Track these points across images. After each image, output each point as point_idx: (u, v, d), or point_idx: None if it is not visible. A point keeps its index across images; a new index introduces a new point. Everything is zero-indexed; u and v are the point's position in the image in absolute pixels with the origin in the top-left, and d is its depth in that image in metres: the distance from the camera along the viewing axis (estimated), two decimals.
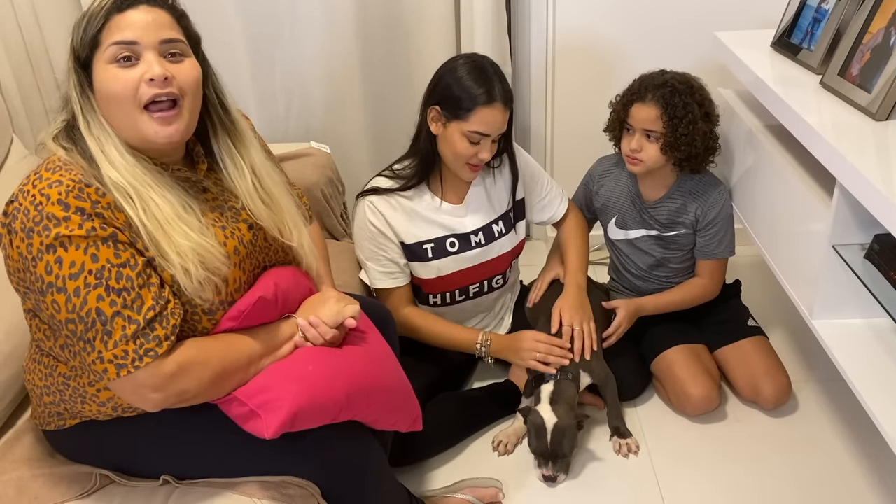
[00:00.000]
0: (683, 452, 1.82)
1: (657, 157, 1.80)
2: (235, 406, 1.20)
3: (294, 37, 2.24)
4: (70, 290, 1.06)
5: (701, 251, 1.93)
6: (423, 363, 1.85)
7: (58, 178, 1.08)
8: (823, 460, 1.78)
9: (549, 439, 1.68)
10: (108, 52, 1.11)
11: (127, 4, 1.12)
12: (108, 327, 1.07)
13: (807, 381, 2.01)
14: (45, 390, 1.26)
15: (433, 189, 1.81)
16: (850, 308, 1.50)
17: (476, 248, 1.84)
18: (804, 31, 1.75)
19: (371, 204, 1.77)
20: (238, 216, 1.28)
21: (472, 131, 1.65)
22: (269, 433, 1.16)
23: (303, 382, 1.21)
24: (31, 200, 1.07)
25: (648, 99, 1.76)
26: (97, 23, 1.11)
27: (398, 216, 1.78)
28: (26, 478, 1.29)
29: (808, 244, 1.53)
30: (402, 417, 1.41)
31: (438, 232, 1.81)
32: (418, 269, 1.83)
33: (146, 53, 1.12)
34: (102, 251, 1.08)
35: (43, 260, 1.06)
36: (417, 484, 1.73)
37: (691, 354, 1.91)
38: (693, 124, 1.75)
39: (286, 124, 2.36)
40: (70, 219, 1.06)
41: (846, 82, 1.52)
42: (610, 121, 1.89)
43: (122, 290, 1.08)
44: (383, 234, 1.78)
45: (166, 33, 1.14)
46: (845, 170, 1.31)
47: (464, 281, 1.88)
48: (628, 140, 1.82)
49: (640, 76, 1.83)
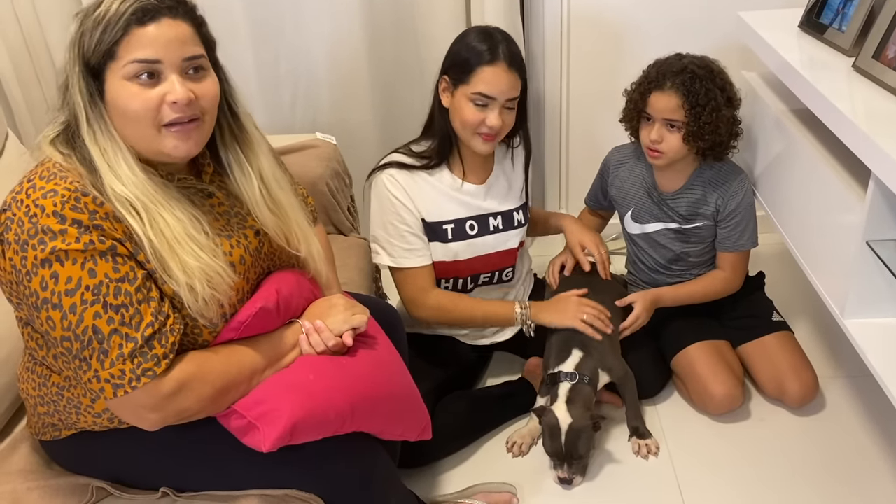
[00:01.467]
0: (705, 454, 1.76)
1: (679, 147, 1.72)
2: (234, 419, 1.16)
3: (299, 25, 2.19)
4: (66, 307, 1.03)
5: (722, 243, 1.85)
6: (433, 363, 1.81)
7: (52, 186, 1.04)
8: (853, 461, 1.71)
9: (564, 440, 1.63)
10: (127, 68, 1.06)
11: (149, 17, 1.06)
12: (104, 346, 1.04)
13: (834, 377, 1.94)
14: (40, 400, 1.23)
15: (454, 170, 1.76)
16: (885, 307, 1.42)
17: (494, 232, 1.80)
18: (835, 9, 1.67)
19: (391, 176, 1.72)
20: (244, 222, 1.25)
21: (476, 93, 1.61)
22: (267, 446, 1.12)
23: (302, 392, 1.17)
24: (24, 211, 1.03)
25: (668, 87, 1.68)
26: (115, 33, 1.05)
27: (419, 191, 1.73)
28: (20, 490, 1.26)
29: (840, 239, 1.46)
30: (410, 427, 1.36)
31: (459, 212, 1.76)
32: (436, 249, 1.77)
33: (169, 73, 1.08)
34: (100, 265, 1.04)
35: (38, 275, 1.02)
36: (428, 488, 1.69)
37: (713, 351, 1.85)
38: (716, 111, 1.67)
39: (292, 115, 2.31)
40: (67, 232, 1.02)
41: (881, 65, 1.44)
42: (626, 111, 1.81)
43: (120, 306, 1.04)
44: (405, 207, 1.72)
45: (189, 50, 1.10)
46: (881, 160, 1.23)
47: (476, 268, 1.82)
48: (648, 130, 1.75)
49: (656, 62, 1.76)
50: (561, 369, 1.72)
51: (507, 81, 1.61)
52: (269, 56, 2.22)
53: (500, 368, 2.01)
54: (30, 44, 2.09)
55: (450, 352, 1.86)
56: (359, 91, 2.29)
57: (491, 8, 2.11)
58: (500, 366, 2.01)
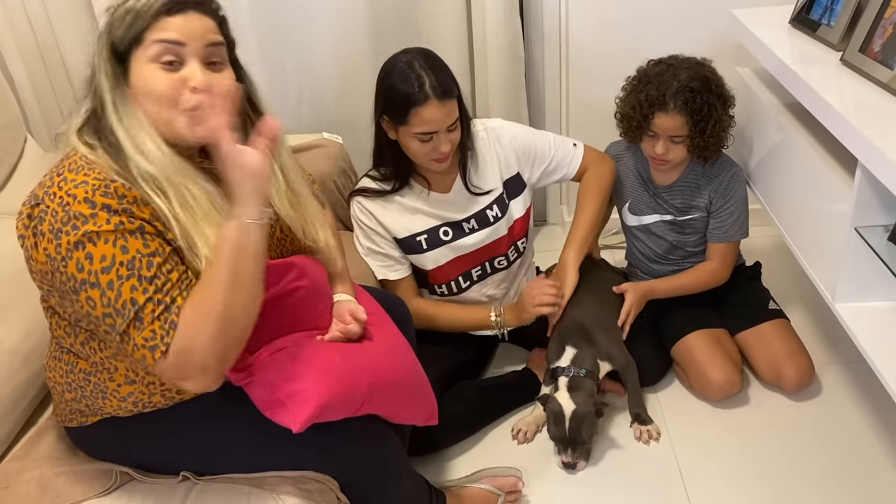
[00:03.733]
0: (705, 438, 1.80)
1: (684, 155, 1.80)
2: (262, 390, 1.19)
3: (305, 27, 2.22)
4: (104, 284, 1.06)
5: (713, 233, 1.90)
6: (440, 353, 1.84)
7: (83, 178, 1.08)
8: (848, 444, 1.76)
9: (568, 426, 1.68)
10: (151, 49, 1.11)
11: (177, 9, 1.12)
12: (140, 314, 1.07)
13: (830, 363, 1.98)
14: (67, 387, 1.27)
15: (419, 182, 1.79)
16: (874, 291, 1.46)
17: (470, 233, 1.83)
18: (823, 6, 1.71)
19: (359, 204, 1.79)
20: None
21: (417, 133, 1.63)
22: (297, 426, 1.15)
23: (330, 375, 1.21)
24: (58, 202, 1.07)
25: (671, 108, 1.72)
26: (144, 21, 1.11)
27: (387, 213, 1.78)
28: (48, 476, 1.31)
29: (830, 226, 1.50)
30: (419, 411, 1.41)
31: (430, 222, 1.80)
32: (416, 260, 1.83)
33: (190, 59, 1.13)
34: (131, 242, 1.07)
35: (73, 258, 1.06)
36: (436, 474, 1.73)
37: (712, 339, 1.89)
38: (718, 122, 1.73)
39: (299, 115, 2.35)
40: (97, 215, 1.06)
41: (867, 59, 1.48)
42: (628, 129, 1.84)
43: (153, 277, 1.07)
44: (375, 232, 1.79)
45: (210, 37, 1.15)
46: (867, 150, 1.27)
47: (464, 266, 1.86)
48: (652, 144, 1.80)
49: (646, 73, 1.78)
50: (558, 365, 1.77)
51: (443, 113, 1.61)
52: (275, 60, 2.25)
53: (504, 359, 2.05)
54: (44, 52, 2.13)
55: (456, 343, 1.90)
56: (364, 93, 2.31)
57: (491, 9, 2.14)
58: (504, 357, 2.06)
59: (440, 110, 1.61)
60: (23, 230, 1.12)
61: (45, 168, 1.16)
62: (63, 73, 2.16)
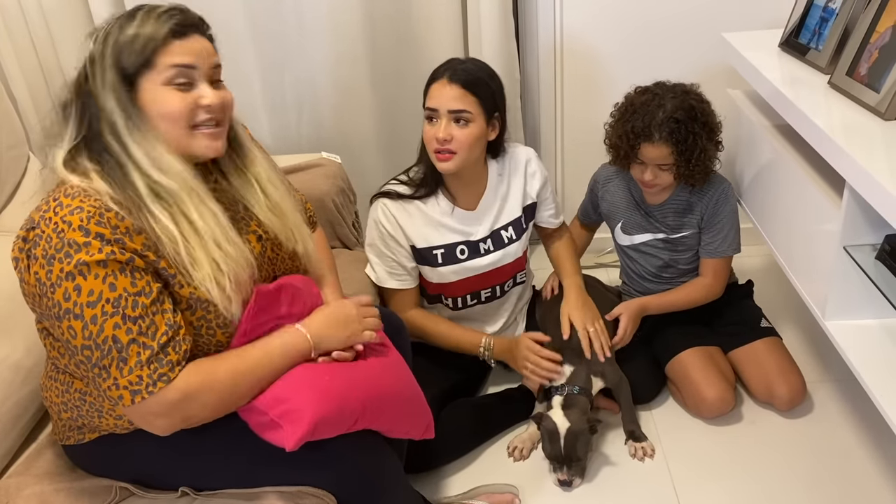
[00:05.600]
0: (699, 455, 1.82)
1: (671, 181, 1.84)
2: (256, 415, 1.21)
3: (302, 47, 2.25)
4: (87, 318, 1.08)
5: (706, 249, 1.92)
6: (436, 371, 1.86)
7: (78, 203, 1.10)
8: (840, 461, 1.77)
9: (563, 444, 1.69)
10: (166, 73, 1.16)
11: (182, 33, 1.18)
12: (123, 354, 1.09)
13: (822, 381, 2.00)
14: (63, 406, 1.28)
15: (446, 195, 1.82)
16: (863, 309, 1.49)
17: (485, 255, 1.85)
18: (812, 30, 1.75)
19: (385, 207, 1.80)
20: (248, 227, 1.31)
21: (426, 108, 1.70)
22: (291, 445, 1.17)
23: (321, 392, 1.22)
24: (53, 228, 1.08)
25: (657, 139, 1.75)
26: (155, 44, 1.15)
27: (410, 220, 1.80)
28: (48, 492, 1.31)
29: (819, 245, 1.53)
30: (414, 425, 1.42)
31: (450, 238, 1.82)
32: (427, 273, 1.85)
33: (200, 80, 1.20)
34: (120, 280, 1.09)
35: (62, 287, 1.08)
36: (433, 491, 1.74)
37: (705, 356, 1.91)
38: (703, 151, 1.76)
39: (298, 135, 2.38)
40: (90, 244, 1.08)
41: (854, 82, 1.52)
42: (617, 157, 1.87)
43: (137, 317, 1.10)
44: (393, 238, 1.80)
45: (214, 59, 1.23)
46: (854, 171, 1.30)
47: (474, 287, 1.89)
48: (640, 170, 1.83)
49: (632, 102, 1.81)
50: (553, 384, 1.79)
51: (448, 94, 1.66)
52: (274, 81, 2.28)
53: (500, 377, 2.06)
54: (46, 71, 2.16)
55: (452, 360, 1.91)
56: (362, 113, 2.35)
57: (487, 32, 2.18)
58: (500, 375, 2.07)
59: (446, 90, 1.67)
60: (17, 252, 1.13)
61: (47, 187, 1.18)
62: None
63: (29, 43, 2.12)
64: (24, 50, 2.11)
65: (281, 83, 2.30)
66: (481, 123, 1.71)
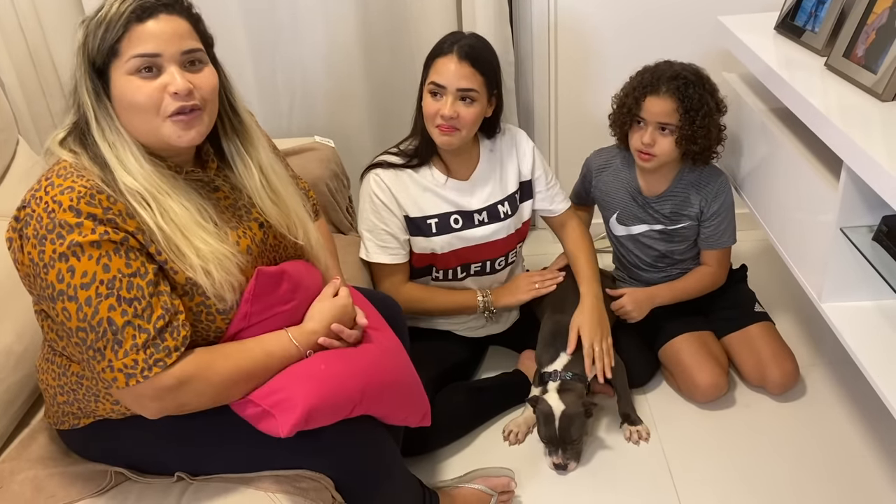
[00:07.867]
0: (694, 438, 1.82)
1: (670, 150, 1.78)
2: (249, 407, 1.21)
3: (295, 31, 2.23)
4: (81, 300, 1.07)
5: (706, 241, 1.92)
6: (431, 355, 1.85)
7: (69, 183, 1.08)
8: (833, 443, 1.78)
9: (558, 426, 1.69)
10: (129, 63, 1.11)
11: (147, 14, 1.12)
12: (118, 336, 1.08)
13: (814, 364, 2.01)
14: (59, 390, 1.27)
15: (438, 166, 1.82)
16: (860, 290, 1.49)
17: (479, 226, 1.85)
18: (808, 12, 1.75)
19: (377, 176, 1.79)
20: (249, 214, 1.30)
21: (430, 82, 1.69)
22: (284, 432, 1.16)
23: (315, 381, 1.21)
24: (43, 207, 1.07)
25: (663, 92, 1.73)
26: (116, 32, 1.11)
27: (404, 189, 1.79)
28: (42, 476, 1.30)
29: (816, 227, 1.53)
30: (412, 413, 1.41)
31: (443, 207, 1.82)
32: (421, 242, 1.83)
33: (168, 65, 1.13)
34: (114, 261, 1.08)
35: (55, 268, 1.07)
36: (430, 474, 1.74)
37: (698, 342, 1.91)
38: (709, 116, 1.75)
39: (289, 119, 2.36)
40: (82, 224, 1.06)
41: (851, 63, 1.52)
42: (617, 115, 1.85)
43: (133, 299, 1.08)
44: (387, 208, 1.79)
45: (186, 43, 1.15)
46: (852, 152, 1.30)
47: (466, 258, 1.88)
48: (640, 134, 1.79)
49: (645, 68, 1.81)
50: (549, 370, 1.79)
51: (457, 71, 1.66)
52: (266, 66, 2.26)
53: (495, 361, 2.06)
54: (35, 56, 2.13)
55: (447, 344, 1.92)
56: (354, 97, 2.34)
57: (482, 15, 2.17)
58: (495, 359, 2.07)
59: (455, 66, 1.66)
60: (10, 233, 1.12)
61: (36, 171, 1.17)
62: (53, 77, 2.16)
63: (17, 27, 2.09)
64: (12, 34, 2.08)
65: (273, 68, 2.28)
66: (484, 101, 1.72)
